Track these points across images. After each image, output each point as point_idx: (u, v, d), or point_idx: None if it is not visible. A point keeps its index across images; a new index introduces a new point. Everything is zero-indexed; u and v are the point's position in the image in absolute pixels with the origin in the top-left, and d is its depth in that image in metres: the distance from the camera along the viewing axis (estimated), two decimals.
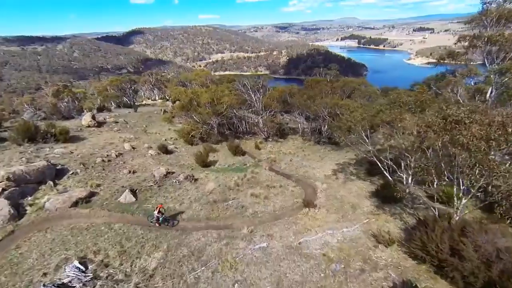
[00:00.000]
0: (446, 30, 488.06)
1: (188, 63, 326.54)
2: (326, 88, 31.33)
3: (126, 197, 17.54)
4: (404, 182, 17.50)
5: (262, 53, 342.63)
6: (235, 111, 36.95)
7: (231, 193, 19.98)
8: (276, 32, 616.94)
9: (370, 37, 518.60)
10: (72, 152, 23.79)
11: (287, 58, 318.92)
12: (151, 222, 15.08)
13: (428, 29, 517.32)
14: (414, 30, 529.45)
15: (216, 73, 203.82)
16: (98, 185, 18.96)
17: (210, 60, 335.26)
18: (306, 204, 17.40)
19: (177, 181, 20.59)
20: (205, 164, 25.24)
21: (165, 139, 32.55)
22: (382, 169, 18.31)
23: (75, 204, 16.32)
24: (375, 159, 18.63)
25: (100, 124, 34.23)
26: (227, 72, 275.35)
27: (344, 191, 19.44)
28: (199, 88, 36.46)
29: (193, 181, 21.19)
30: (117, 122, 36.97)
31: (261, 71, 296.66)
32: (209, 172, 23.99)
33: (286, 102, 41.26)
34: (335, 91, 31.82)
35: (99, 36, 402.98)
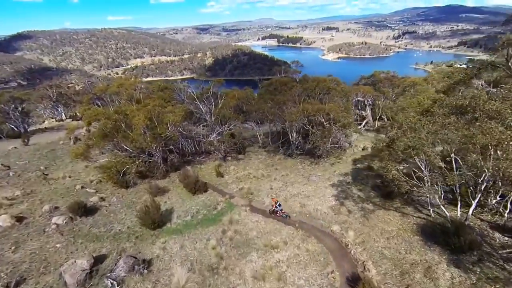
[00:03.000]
0: (348, 29, 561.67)
1: (102, 71, 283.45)
2: (297, 90, 25.87)
3: None
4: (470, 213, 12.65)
5: (186, 56, 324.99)
6: (181, 129, 28.04)
7: (216, 280, 12.06)
8: (197, 34, 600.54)
9: (288, 36, 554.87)
10: None
11: (213, 59, 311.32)
12: None
13: (334, 28, 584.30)
14: (323, 29, 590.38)
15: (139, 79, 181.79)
16: None
17: (129, 66, 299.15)
18: (352, 281, 10.91)
19: (114, 283, 11.38)
20: (156, 223, 16.22)
21: (82, 186, 21.50)
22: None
23: None
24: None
25: None
26: (150, 78, 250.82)
27: (382, 239, 13.68)
28: (127, 104, 26.05)
29: (144, 270, 12.30)
30: None
31: (187, 75, 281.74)
32: (167, 239, 15.24)
33: (241, 109, 34.29)
34: (311, 93, 26.67)
35: None
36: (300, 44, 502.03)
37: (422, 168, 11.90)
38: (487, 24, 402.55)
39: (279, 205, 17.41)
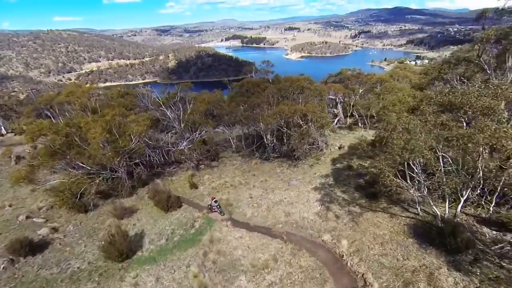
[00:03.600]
0: (308, 29, 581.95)
1: (51, 77, 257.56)
2: (271, 91, 24.67)
3: None
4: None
5: (147, 59, 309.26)
6: (147, 139, 25.37)
7: None
8: (158, 36, 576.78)
9: (251, 36, 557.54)
10: None
11: (176, 62, 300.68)
12: None
13: (295, 28, 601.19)
14: (285, 30, 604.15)
15: (95, 85, 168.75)
16: None
17: (83, 71, 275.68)
18: None
19: None
20: (124, 254, 13.83)
21: (27, 216, 18.00)
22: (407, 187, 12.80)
23: None
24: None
25: None
26: (108, 83, 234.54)
27: (376, 246, 12.93)
28: (81, 115, 22.54)
29: None
30: None
31: (150, 79, 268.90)
32: (138, 271, 13.03)
33: (212, 114, 32.34)
34: (285, 93, 25.59)
35: None
36: (264, 44, 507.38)
37: (416, 170, 11.41)
38: (429, 24, 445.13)
39: (215, 201, 18.39)
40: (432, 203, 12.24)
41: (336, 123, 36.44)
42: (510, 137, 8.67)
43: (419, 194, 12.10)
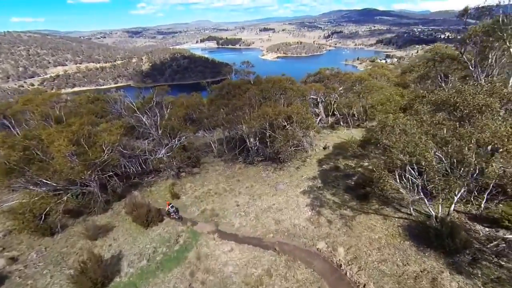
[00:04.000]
0: (283, 30, 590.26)
1: (10, 83, 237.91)
2: (252, 92, 23.63)
3: None
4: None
5: (119, 62, 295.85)
6: (121, 148, 23.40)
7: None
8: (129, 38, 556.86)
9: (227, 37, 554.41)
10: None
11: (150, 64, 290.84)
12: None
13: (270, 29, 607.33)
14: (260, 30, 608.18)
15: (62, 91, 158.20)
16: None
17: (48, 76, 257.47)
18: None
19: None
20: (99, 283, 12.16)
21: None
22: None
23: None
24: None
25: None
26: (77, 88, 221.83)
27: (374, 251, 12.39)
28: (43, 125, 20.02)
29: None
30: None
31: (123, 83, 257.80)
32: None
33: (191, 119, 30.80)
34: (267, 95, 24.66)
35: None
36: (240, 45, 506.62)
37: (413, 172, 11.01)
38: (396, 25, 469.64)
39: (172, 206, 18.14)
40: (427, 204, 11.94)
41: (318, 123, 36.32)
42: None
43: (417, 197, 11.75)
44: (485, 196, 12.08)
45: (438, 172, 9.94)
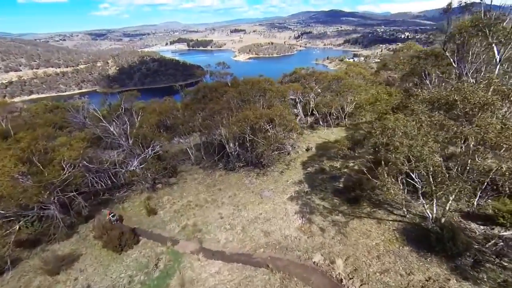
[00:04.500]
0: (254, 31, 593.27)
1: None
2: (231, 95, 22.17)
3: None
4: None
5: (82, 66, 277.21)
6: (86, 162, 20.84)
7: None
8: (93, 40, 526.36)
9: (197, 39, 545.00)
10: None
11: (117, 68, 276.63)
12: None
13: (241, 30, 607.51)
14: (231, 32, 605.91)
15: (16, 99, 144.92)
16: None
17: None
18: None
19: None
20: None
21: None
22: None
23: None
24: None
25: None
26: (35, 96, 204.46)
27: (374, 261, 11.61)
28: None
29: None
30: None
31: (88, 88, 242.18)
32: None
33: (165, 125, 28.65)
34: (246, 97, 23.27)
35: None
36: (211, 47, 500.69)
37: (415, 177, 10.40)
38: (361, 25, 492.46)
39: (113, 215, 18.00)
40: (425, 206, 11.46)
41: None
42: None
43: (419, 201, 11.18)
44: (478, 193, 11.89)
45: (445, 175, 9.40)
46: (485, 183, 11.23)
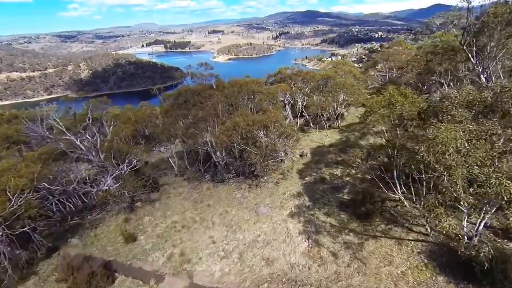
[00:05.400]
0: (232, 32, 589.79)
1: None
2: (217, 99, 19.66)
3: None
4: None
5: (50, 70, 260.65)
6: (46, 184, 17.51)
7: None
8: (62, 43, 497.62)
9: (175, 41, 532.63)
10: None
11: (90, 72, 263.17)
12: None
13: (219, 31, 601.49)
14: (209, 33, 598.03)
15: None
16: None
17: None
18: None
19: None
20: None
21: None
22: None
23: None
24: None
25: None
26: None
27: None
28: None
29: None
30: None
31: (58, 93, 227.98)
32: None
33: (143, 135, 25.56)
34: (234, 101, 20.79)
35: None
36: (189, 48, 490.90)
37: (465, 199, 8.58)
38: (336, 25, 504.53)
39: None
40: (464, 224, 9.68)
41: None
42: None
43: (463, 225, 9.35)
44: None
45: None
46: None
